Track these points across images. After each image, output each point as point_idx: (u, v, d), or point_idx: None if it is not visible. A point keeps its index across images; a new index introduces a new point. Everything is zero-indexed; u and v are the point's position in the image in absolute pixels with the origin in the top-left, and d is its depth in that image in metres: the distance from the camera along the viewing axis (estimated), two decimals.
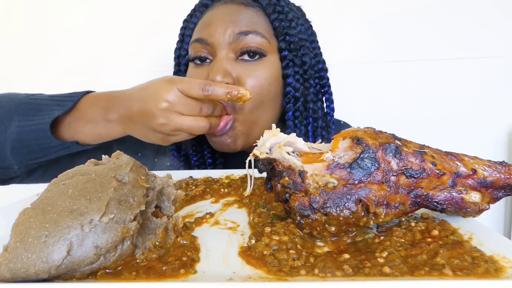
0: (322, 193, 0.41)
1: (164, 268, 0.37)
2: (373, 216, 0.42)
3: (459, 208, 0.44)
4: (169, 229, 0.42)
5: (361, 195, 0.41)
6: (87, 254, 0.35)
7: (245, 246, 0.42)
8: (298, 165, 0.42)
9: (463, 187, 0.44)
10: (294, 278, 0.35)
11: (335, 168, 0.42)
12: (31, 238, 0.34)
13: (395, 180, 0.42)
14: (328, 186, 0.41)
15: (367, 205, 0.41)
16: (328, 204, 0.41)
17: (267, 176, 0.47)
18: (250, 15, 0.78)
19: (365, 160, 0.42)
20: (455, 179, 0.43)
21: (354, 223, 0.41)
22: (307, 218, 0.41)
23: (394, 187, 0.42)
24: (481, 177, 0.44)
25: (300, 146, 0.45)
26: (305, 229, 0.42)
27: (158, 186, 0.46)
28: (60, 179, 0.41)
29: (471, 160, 0.45)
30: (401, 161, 0.42)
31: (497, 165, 0.45)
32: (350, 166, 0.42)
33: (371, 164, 0.42)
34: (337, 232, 0.42)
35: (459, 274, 0.34)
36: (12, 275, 0.34)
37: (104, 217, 0.36)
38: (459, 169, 0.44)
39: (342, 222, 0.41)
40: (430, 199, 0.43)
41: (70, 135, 0.72)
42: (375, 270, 0.35)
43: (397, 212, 0.43)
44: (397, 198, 0.42)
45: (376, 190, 0.41)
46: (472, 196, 0.44)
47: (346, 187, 0.41)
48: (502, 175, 0.44)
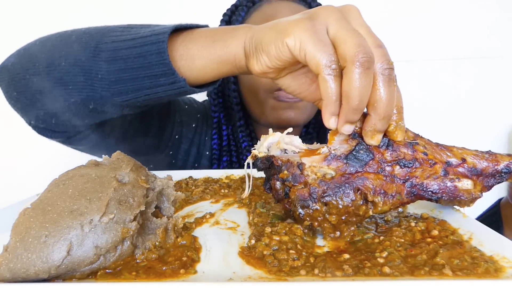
0: (321, 184, 0.42)
1: (164, 268, 0.37)
2: (372, 205, 0.43)
3: (453, 196, 0.45)
4: (169, 229, 0.42)
5: (359, 184, 0.42)
6: (87, 254, 0.35)
7: (245, 246, 0.42)
8: (296, 157, 0.44)
9: (455, 175, 0.45)
10: (294, 278, 0.35)
11: (332, 160, 0.43)
12: (31, 238, 0.34)
13: (390, 170, 0.44)
14: (326, 176, 0.42)
15: (365, 193, 0.42)
16: (327, 194, 0.42)
17: (266, 176, 0.48)
18: None
19: (360, 151, 0.43)
20: (446, 168, 0.45)
21: (353, 212, 0.42)
22: (307, 209, 0.42)
23: (390, 177, 0.44)
24: (471, 165, 0.46)
25: (296, 144, 0.47)
26: (306, 220, 0.42)
27: (158, 187, 0.46)
28: (61, 179, 0.41)
29: (460, 151, 0.47)
30: (394, 152, 0.44)
31: (484, 154, 0.47)
32: (346, 157, 0.43)
33: (366, 155, 0.43)
34: (337, 222, 0.42)
35: (459, 274, 0.34)
36: (12, 275, 0.34)
37: (104, 217, 0.36)
38: (450, 159, 0.46)
39: (342, 211, 0.42)
40: (425, 188, 0.44)
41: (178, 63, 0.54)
42: (375, 270, 0.35)
43: (394, 202, 0.44)
44: (394, 187, 0.43)
45: (373, 179, 0.43)
46: (464, 184, 0.45)
47: (344, 177, 0.43)
48: (490, 163, 0.46)
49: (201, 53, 0.53)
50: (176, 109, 0.90)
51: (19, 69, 0.59)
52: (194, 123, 0.93)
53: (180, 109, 0.91)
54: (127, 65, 0.53)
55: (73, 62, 0.56)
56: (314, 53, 0.39)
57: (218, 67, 0.54)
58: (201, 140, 0.95)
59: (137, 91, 0.55)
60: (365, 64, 0.38)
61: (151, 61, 0.52)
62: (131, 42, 0.54)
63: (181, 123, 0.90)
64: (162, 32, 0.53)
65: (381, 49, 0.40)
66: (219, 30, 0.55)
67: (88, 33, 0.58)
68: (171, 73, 0.52)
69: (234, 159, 0.94)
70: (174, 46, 0.55)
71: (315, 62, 0.40)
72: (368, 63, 0.38)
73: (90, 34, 0.57)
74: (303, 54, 0.41)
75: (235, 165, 0.94)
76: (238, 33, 0.51)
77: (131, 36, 0.54)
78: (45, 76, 0.57)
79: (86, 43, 0.56)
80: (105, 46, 0.55)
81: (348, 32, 0.39)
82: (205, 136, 0.95)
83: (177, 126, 0.89)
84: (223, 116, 0.95)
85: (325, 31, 0.41)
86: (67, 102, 0.58)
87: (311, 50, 0.40)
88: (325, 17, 0.41)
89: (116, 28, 0.57)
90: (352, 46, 0.38)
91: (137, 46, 0.53)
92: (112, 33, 0.56)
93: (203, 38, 0.54)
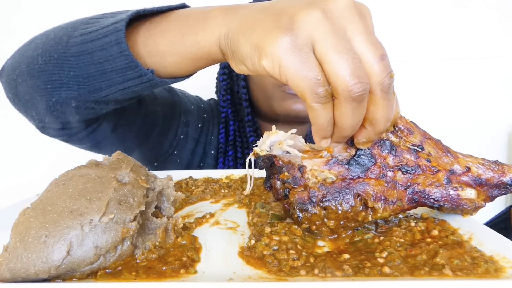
0: (321, 188, 0.42)
1: (164, 268, 0.37)
2: (371, 211, 0.43)
3: (456, 205, 0.44)
4: (169, 229, 0.42)
5: (359, 190, 0.42)
6: (87, 254, 0.35)
7: (245, 246, 0.42)
8: (298, 160, 0.43)
9: (458, 184, 0.45)
10: (294, 278, 0.35)
11: (334, 164, 0.43)
12: (31, 238, 0.34)
13: (392, 176, 0.43)
14: (326, 181, 0.42)
15: (365, 199, 0.42)
16: (327, 198, 0.42)
17: (267, 175, 0.48)
18: None
19: (361, 156, 0.43)
20: (449, 176, 0.44)
21: (352, 217, 0.42)
22: (306, 212, 0.42)
23: (391, 183, 0.43)
24: (475, 174, 0.45)
25: (299, 144, 0.46)
26: (304, 223, 0.42)
27: (158, 187, 0.46)
28: (61, 179, 0.41)
29: (466, 158, 0.46)
30: (397, 157, 0.43)
31: (490, 163, 0.46)
32: (348, 163, 0.43)
33: (367, 160, 0.43)
34: (335, 227, 0.42)
35: (459, 274, 0.34)
36: (12, 275, 0.34)
37: (104, 217, 0.36)
38: (453, 167, 0.45)
39: (341, 217, 0.42)
40: (427, 195, 0.44)
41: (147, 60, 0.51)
42: (375, 270, 0.35)
43: (395, 208, 0.43)
44: (395, 194, 0.43)
45: (374, 185, 0.42)
46: (467, 193, 0.45)
47: (345, 182, 0.42)
48: (496, 174, 0.45)
49: (171, 49, 0.49)
50: (182, 110, 0.90)
51: (11, 70, 0.59)
52: (200, 123, 0.94)
53: (187, 109, 0.92)
54: (93, 59, 0.50)
55: (48, 59, 0.53)
56: (296, 81, 0.34)
57: (194, 63, 0.50)
58: (207, 139, 0.95)
59: (110, 87, 0.52)
60: (359, 98, 0.33)
61: (112, 53, 0.49)
62: (95, 33, 0.50)
63: (186, 124, 0.91)
64: (120, 19, 0.48)
65: (383, 62, 0.34)
66: (189, 19, 0.48)
67: (64, 28, 0.54)
68: (135, 65, 0.49)
69: (239, 154, 0.95)
70: (139, 36, 0.51)
71: (300, 90, 0.34)
72: (361, 95, 0.33)
73: (66, 28, 0.54)
74: (284, 79, 0.35)
75: (240, 160, 0.95)
76: (209, 25, 0.45)
77: (96, 27, 0.50)
78: (27, 76, 0.56)
79: (60, 38, 0.53)
80: (74, 40, 0.51)
81: (339, 55, 0.33)
82: (211, 136, 0.96)
83: (183, 126, 0.90)
84: (231, 112, 0.97)
85: (309, 48, 0.34)
86: (50, 102, 0.56)
87: (292, 78, 0.34)
88: (310, 29, 0.33)
89: (89, 20, 0.53)
90: (345, 78, 0.32)
91: (100, 37, 0.49)
92: (83, 25, 0.52)
93: (172, 31, 0.49)
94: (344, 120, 0.35)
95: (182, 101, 0.92)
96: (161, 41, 0.50)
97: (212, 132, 0.96)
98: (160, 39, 0.50)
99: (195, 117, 0.93)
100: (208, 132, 0.95)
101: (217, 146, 0.96)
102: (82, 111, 0.59)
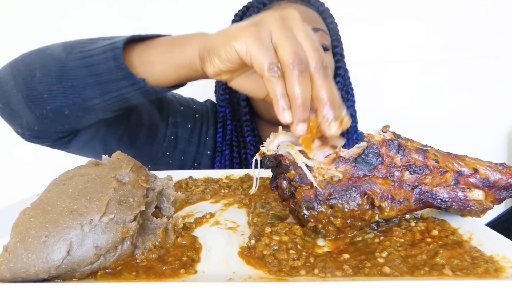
0: (327, 186, 0.42)
1: (164, 268, 0.37)
2: (378, 210, 0.42)
3: (464, 206, 0.44)
4: (169, 229, 0.42)
5: (366, 188, 0.42)
6: (87, 254, 0.35)
7: (245, 246, 0.42)
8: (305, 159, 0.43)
9: (466, 185, 0.44)
10: (294, 278, 0.35)
11: (340, 163, 0.43)
12: (31, 238, 0.34)
13: (399, 176, 0.43)
14: (333, 179, 0.42)
15: (372, 198, 0.42)
16: (333, 196, 0.42)
17: (273, 175, 0.48)
18: (314, 15, 0.90)
19: (369, 155, 0.43)
20: (457, 178, 0.44)
21: (359, 216, 0.42)
22: (312, 211, 0.42)
23: (398, 182, 0.43)
24: (483, 176, 0.44)
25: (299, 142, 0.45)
26: (310, 222, 0.42)
27: (158, 187, 0.46)
28: (61, 179, 0.41)
29: (473, 161, 0.46)
30: (405, 157, 0.43)
31: (497, 166, 0.45)
32: (355, 161, 0.43)
33: (375, 159, 0.43)
34: (342, 225, 0.42)
35: (459, 274, 0.34)
36: (12, 275, 0.34)
37: (104, 217, 0.36)
38: (461, 168, 0.45)
39: (347, 215, 0.41)
40: (434, 196, 0.44)
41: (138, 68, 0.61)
42: (375, 270, 0.35)
43: (402, 208, 0.43)
44: (402, 193, 0.43)
45: (381, 184, 0.42)
46: (475, 194, 0.44)
47: (351, 180, 0.42)
48: (504, 176, 0.45)
49: (160, 58, 0.60)
50: (170, 110, 0.91)
51: (3, 82, 0.65)
52: (190, 123, 0.94)
53: (175, 110, 0.92)
54: (91, 71, 0.60)
55: (47, 72, 0.62)
56: (258, 57, 0.43)
57: (176, 71, 0.59)
58: (201, 139, 0.95)
59: (105, 95, 0.61)
60: (300, 68, 0.42)
61: (110, 67, 0.59)
62: (94, 50, 0.60)
63: (175, 124, 0.91)
64: (119, 40, 0.60)
65: (317, 52, 0.44)
66: (178, 37, 0.61)
67: (61, 46, 0.64)
68: (130, 76, 0.58)
69: (235, 154, 0.95)
70: (134, 52, 0.61)
71: (259, 65, 0.43)
72: (301, 66, 0.42)
73: (63, 47, 0.64)
74: (249, 57, 0.44)
75: (236, 159, 0.95)
76: (194, 39, 0.57)
77: (93, 46, 0.61)
78: (24, 88, 0.63)
79: (59, 54, 0.63)
80: (73, 56, 0.62)
81: (286, 39, 0.43)
82: (206, 136, 0.96)
83: (172, 127, 0.90)
84: (229, 111, 0.97)
85: (269, 37, 0.45)
86: (44, 110, 0.63)
87: (255, 54, 0.43)
88: (269, 24, 0.45)
89: (85, 41, 0.64)
90: (289, 53, 0.42)
91: (98, 53, 0.60)
92: (80, 45, 0.63)
93: (163, 45, 0.61)
94: (293, 88, 0.42)
95: (170, 102, 0.92)
96: (153, 52, 0.61)
97: (206, 133, 0.96)
98: (152, 51, 0.61)
99: (185, 117, 0.94)
100: (201, 132, 0.96)
101: (213, 147, 0.96)
102: (71, 120, 0.66)
